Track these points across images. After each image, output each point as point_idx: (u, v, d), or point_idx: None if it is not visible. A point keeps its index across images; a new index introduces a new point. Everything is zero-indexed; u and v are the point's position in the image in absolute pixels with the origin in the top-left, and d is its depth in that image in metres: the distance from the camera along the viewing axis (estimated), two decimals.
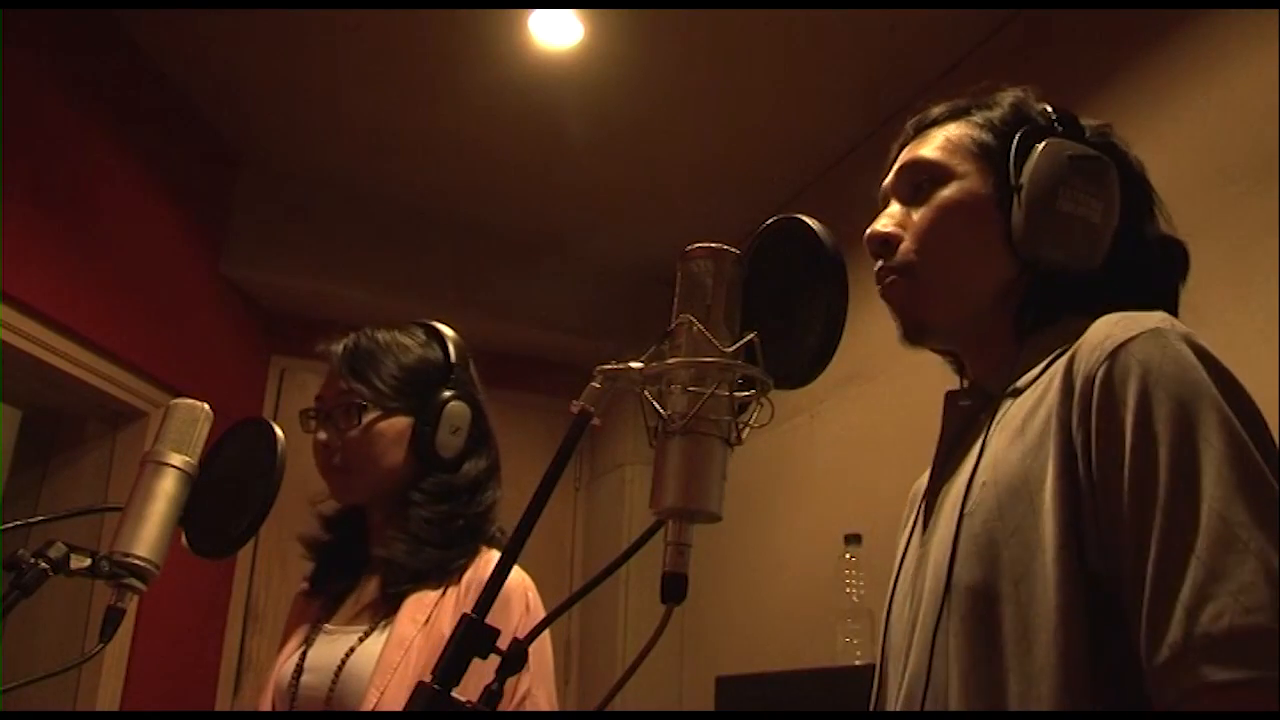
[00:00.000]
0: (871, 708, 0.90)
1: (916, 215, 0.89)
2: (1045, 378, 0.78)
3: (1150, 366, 0.69)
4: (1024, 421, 0.77)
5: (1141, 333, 0.71)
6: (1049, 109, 0.89)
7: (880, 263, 0.90)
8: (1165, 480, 0.65)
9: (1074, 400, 0.72)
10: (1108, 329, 0.74)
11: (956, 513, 0.78)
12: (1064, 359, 0.76)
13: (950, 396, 0.91)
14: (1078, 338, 0.78)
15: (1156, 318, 0.73)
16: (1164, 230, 0.89)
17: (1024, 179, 0.83)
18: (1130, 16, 2.06)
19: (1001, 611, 0.71)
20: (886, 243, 0.89)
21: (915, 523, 0.91)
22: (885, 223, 0.91)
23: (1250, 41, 1.78)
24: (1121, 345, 0.71)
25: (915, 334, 0.90)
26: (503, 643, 0.64)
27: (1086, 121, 0.89)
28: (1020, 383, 0.82)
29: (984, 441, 0.81)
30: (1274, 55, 1.70)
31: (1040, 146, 0.84)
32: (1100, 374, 0.71)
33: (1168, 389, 0.68)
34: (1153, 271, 0.87)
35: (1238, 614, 0.60)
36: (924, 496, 0.89)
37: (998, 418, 0.82)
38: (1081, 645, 0.67)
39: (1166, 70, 1.97)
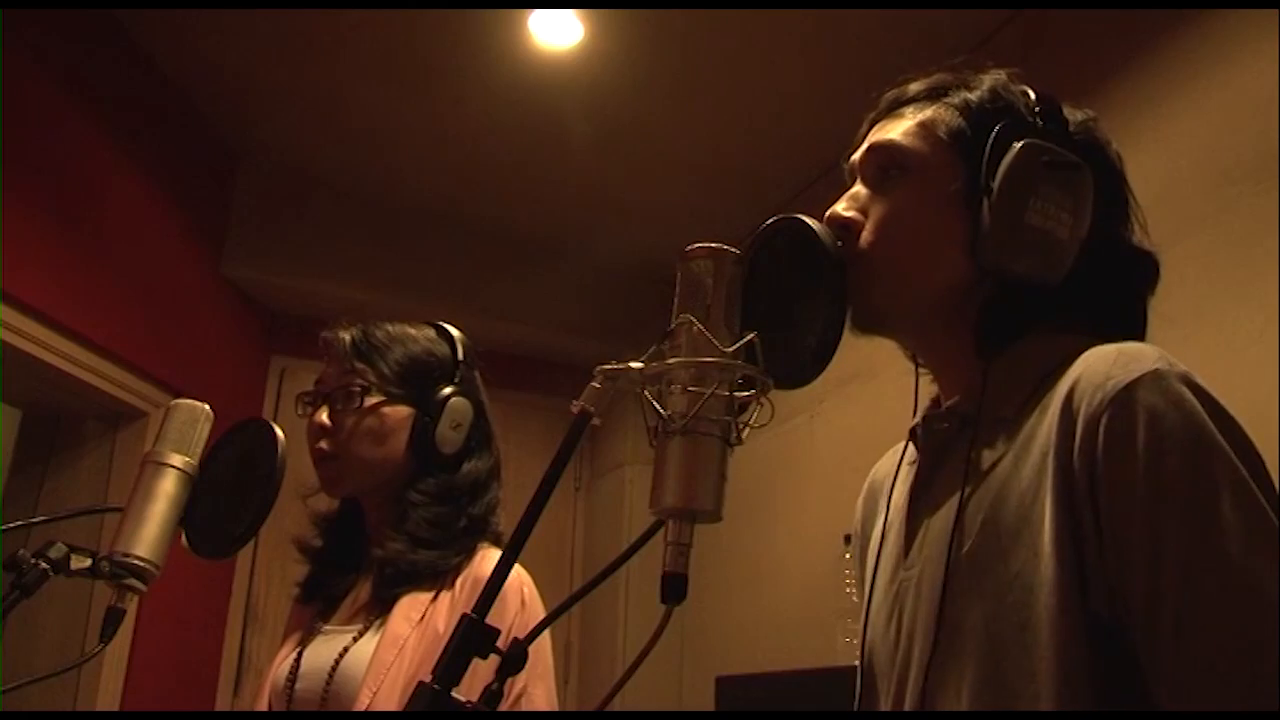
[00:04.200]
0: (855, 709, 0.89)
1: (880, 204, 0.85)
2: (1036, 410, 0.76)
3: (1157, 415, 0.67)
4: (1018, 457, 0.75)
5: (1143, 375, 0.69)
6: (1031, 96, 0.84)
7: (839, 243, 0.84)
8: (1181, 535, 0.65)
9: (1075, 443, 0.70)
10: (1106, 367, 0.71)
11: (945, 549, 0.76)
12: (1059, 394, 0.73)
13: (927, 420, 0.87)
14: (1055, 361, 0.76)
15: (1154, 355, 0.71)
16: (1137, 238, 0.85)
17: (995, 181, 0.78)
18: (1130, 16, 2.06)
19: (1005, 656, 0.70)
20: (846, 227, 0.85)
21: (885, 537, 0.89)
22: (846, 206, 0.86)
23: (1250, 41, 1.78)
24: (1125, 389, 0.69)
25: (865, 323, 0.86)
26: (499, 638, 0.64)
27: (1071, 112, 0.84)
28: (1003, 410, 0.79)
29: (969, 473, 0.78)
30: (1274, 55, 1.70)
31: (1017, 146, 0.78)
32: (1105, 420, 0.69)
33: (1175, 439, 0.67)
34: (1119, 285, 0.84)
35: (1261, 672, 0.61)
36: (904, 517, 0.86)
37: (982, 447, 0.79)
38: (1085, 690, 0.66)
39: (1166, 70, 1.97)
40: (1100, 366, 0.72)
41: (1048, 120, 0.82)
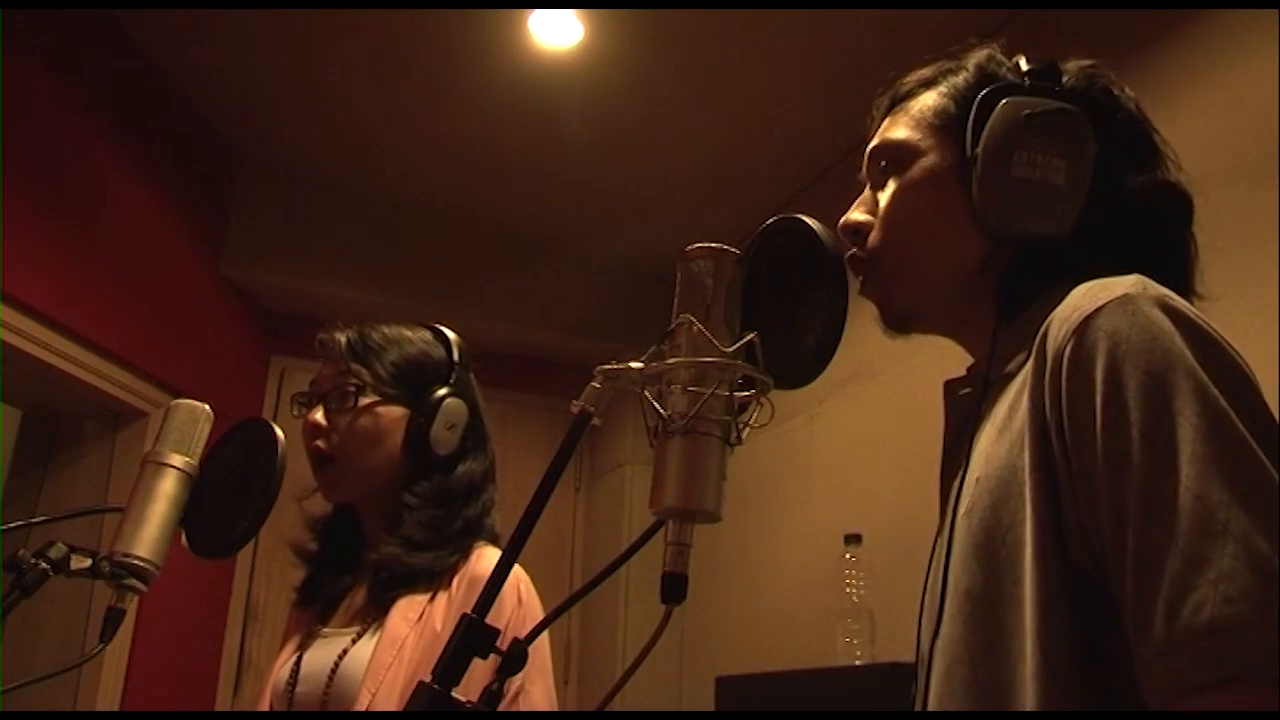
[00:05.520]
0: (916, 708, 0.88)
1: (883, 200, 0.86)
2: (1029, 362, 0.73)
3: (1119, 338, 0.64)
4: (1009, 410, 0.74)
5: (1110, 301, 0.66)
6: (1021, 62, 0.83)
7: (853, 250, 0.86)
8: (1138, 462, 0.61)
9: (1045, 381, 0.68)
10: (1077, 300, 0.69)
11: (952, 511, 0.76)
12: (1038, 337, 0.71)
13: (949, 385, 0.87)
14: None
15: (1129, 282, 0.68)
16: (1164, 176, 0.81)
17: (979, 147, 0.78)
18: (1130, 16, 2.06)
19: (1003, 615, 0.68)
20: (857, 231, 0.86)
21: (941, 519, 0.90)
22: (855, 211, 0.88)
23: (1250, 41, 1.78)
24: (1089, 317, 0.66)
25: (895, 323, 0.86)
26: (498, 637, 0.63)
27: (1071, 64, 0.83)
28: (1010, 367, 0.78)
29: (975, 433, 0.78)
30: (1274, 55, 1.70)
31: (997, 108, 0.78)
32: (1069, 351, 0.66)
33: (1137, 361, 0.63)
34: (1145, 225, 0.79)
35: (1218, 604, 0.56)
36: (940, 490, 0.85)
37: (986, 407, 0.79)
38: (1065, 646, 0.63)
39: (1166, 70, 1.97)
40: (1072, 301, 0.70)
41: (1036, 78, 0.82)
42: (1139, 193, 0.80)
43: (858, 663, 2.19)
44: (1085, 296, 0.69)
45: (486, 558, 1.28)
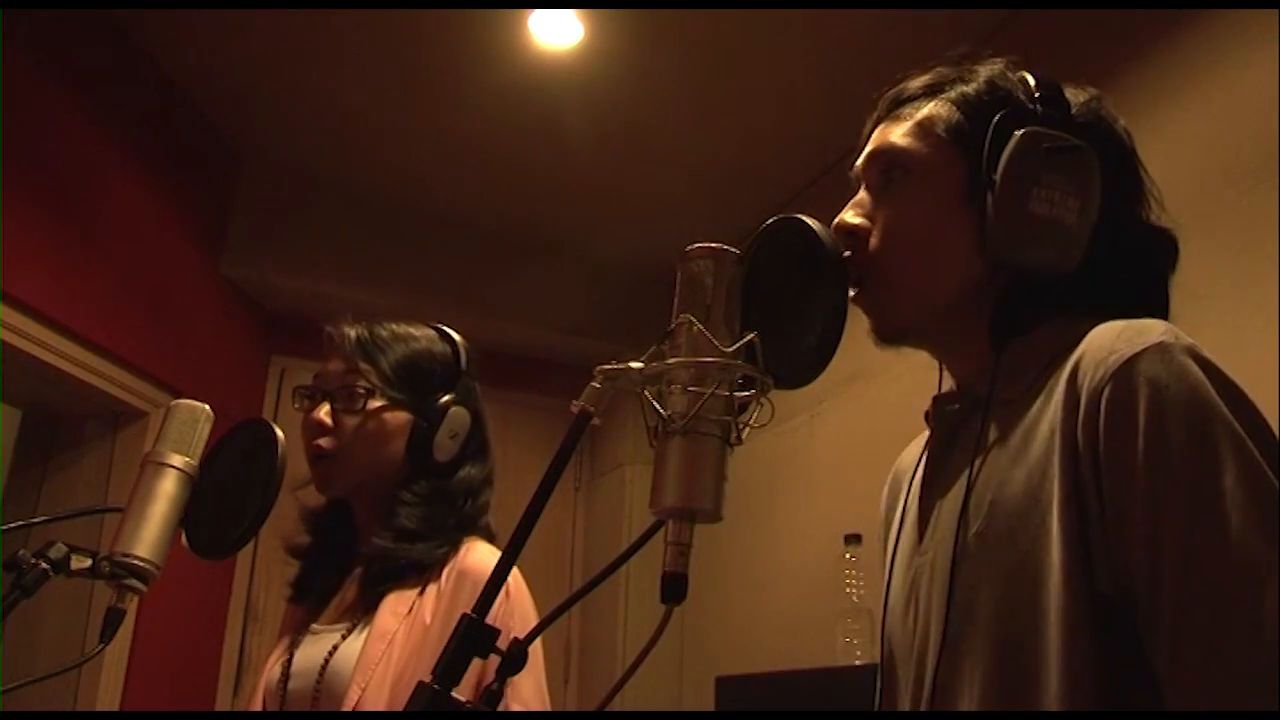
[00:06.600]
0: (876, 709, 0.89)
1: (885, 209, 0.85)
2: (1045, 389, 0.75)
3: (1158, 386, 0.66)
4: (1025, 437, 0.75)
5: (1147, 348, 0.68)
6: (1031, 81, 0.83)
7: (849, 253, 0.85)
8: (1182, 510, 0.64)
9: (1079, 418, 0.69)
10: (1111, 342, 0.71)
11: (954, 531, 0.76)
12: (1065, 370, 0.73)
13: (938, 401, 0.87)
14: (1069, 343, 0.75)
15: (1160, 329, 0.70)
16: (1153, 217, 0.84)
17: (997, 175, 0.77)
18: (1130, 17, 2.06)
19: (1016, 640, 0.70)
20: (852, 234, 0.85)
21: (903, 523, 0.89)
22: (853, 214, 0.86)
23: (1250, 41, 1.78)
24: (1128, 361, 0.68)
25: (888, 336, 0.86)
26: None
27: (1074, 92, 0.84)
28: (1013, 391, 0.78)
29: (978, 454, 0.78)
30: (1274, 55, 1.70)
31: (1016, 136, 0.78)
32: (1107, 393, 0.68)
33: (1178, 412, 0.65)
34: (1137, 266, 0.83)
35: (1261, 651, 0.59)
36: (918, 501, 0.86)
37: (991, 428, 0.79)
38: (1090, 672, 0.65)
39: (1166, 70, 1.97)
40: (1105, 341, 0.71)
41: (1048, 105, 0.81)
42: (1134, 233, 0.83)
43: (858, 663, 2.19)
44: (1120, 339, 0.70)
45: (476, 550, 1.28)
